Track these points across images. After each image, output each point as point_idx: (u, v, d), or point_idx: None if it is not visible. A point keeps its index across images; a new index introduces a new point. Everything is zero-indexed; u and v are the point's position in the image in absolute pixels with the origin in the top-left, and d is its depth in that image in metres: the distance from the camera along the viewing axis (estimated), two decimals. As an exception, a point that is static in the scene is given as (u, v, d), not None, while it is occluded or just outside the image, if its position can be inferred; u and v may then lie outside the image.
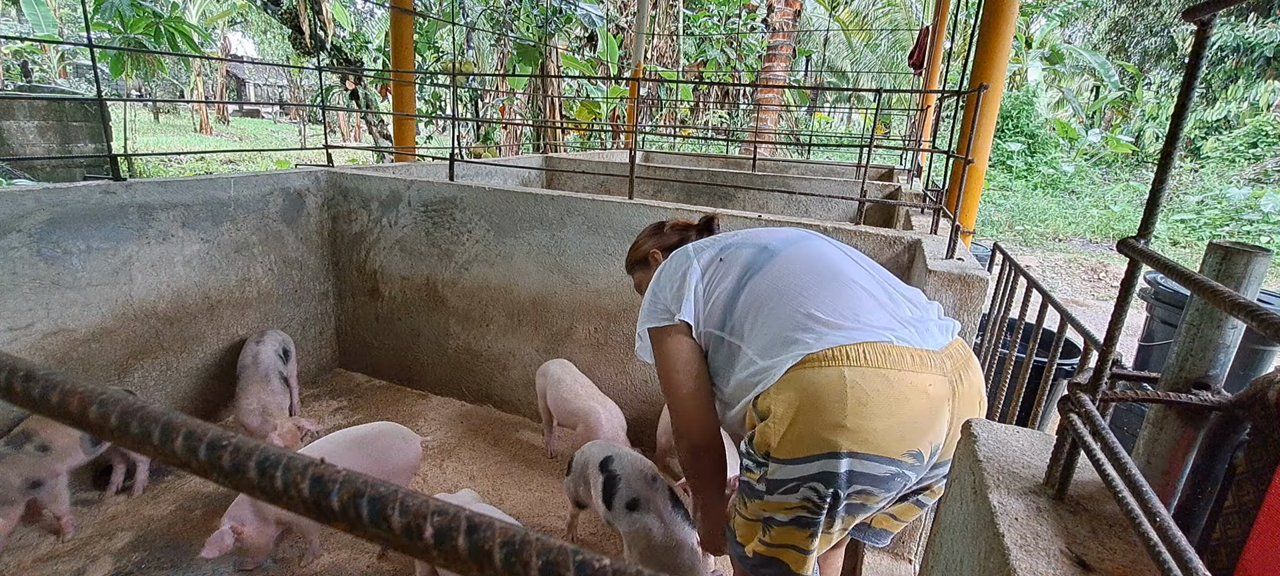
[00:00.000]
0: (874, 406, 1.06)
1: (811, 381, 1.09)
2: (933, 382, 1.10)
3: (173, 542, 2.10)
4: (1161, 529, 0.54)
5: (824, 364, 1.09)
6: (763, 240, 1.36)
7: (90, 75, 17.60)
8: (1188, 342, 0.74)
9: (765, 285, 1.24)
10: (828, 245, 1.34)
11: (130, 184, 2.40)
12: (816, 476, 1.09)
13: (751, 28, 13.43)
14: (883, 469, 1.08)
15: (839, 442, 1.06)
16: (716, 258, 1.34)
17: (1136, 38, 17.34)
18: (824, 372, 1.08)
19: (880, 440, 1.07)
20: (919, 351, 1.12)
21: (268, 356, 2.62)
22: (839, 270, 1.24)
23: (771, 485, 1.14)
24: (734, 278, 1.29)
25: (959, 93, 2.91)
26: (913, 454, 1.09)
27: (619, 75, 9.72)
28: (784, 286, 1.22)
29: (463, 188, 2.90)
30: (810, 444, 1.08)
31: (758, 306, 1.22)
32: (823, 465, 1.08)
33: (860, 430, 1.06)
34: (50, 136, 7.83)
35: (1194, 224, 10.21)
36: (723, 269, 1.31)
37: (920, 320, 1.19)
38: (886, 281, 1.28)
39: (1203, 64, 0.64)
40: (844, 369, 1.08)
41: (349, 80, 11.41)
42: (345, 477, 0.26)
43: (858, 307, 1.16)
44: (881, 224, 3.94)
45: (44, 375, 0.30)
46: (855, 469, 1.07)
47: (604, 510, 1.80)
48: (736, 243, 1.37)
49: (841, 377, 1.07)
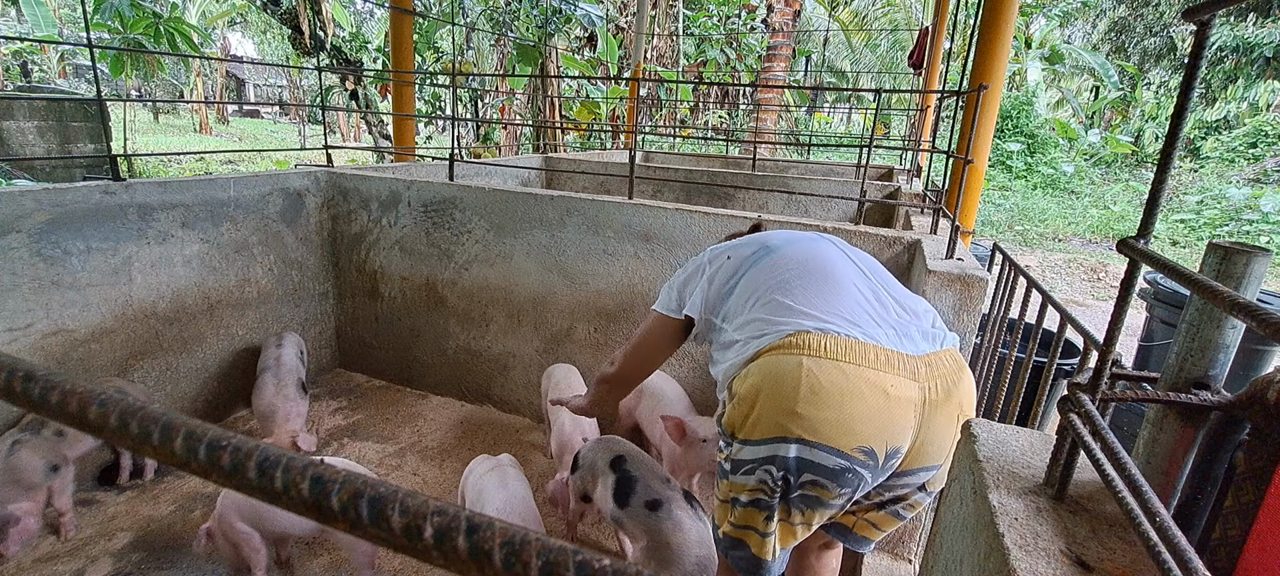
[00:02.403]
0: (825, 397, 1.08)
1: (774, 366, 1.13)
2: (896, 384, 1.10)
3: (173, 542, 2.10)
4: (1161, 529, 0.54)
5: (787, 350, 1.13)
6: (769, 240, 1.42)
7: (90, 75, 17.59)
8: (1187, 342, 0.74)
9: (758, 276, 1.31)
10: (829, 246, 1.37)
11: (130, 184, 2.40)
12: (768, 459, 1.13)
13: (751, 28, 13.42)
14: (831, 460, 1.09)
15: (789, 428, 1.09)
16: (725, 253, 1.42)
17: (1136, 38, 17.35)
18: (786, 359, 1.12)
19: (829, 431, 1.08)
20: (888, 351, 1.12)
21: (290, 359, 2.63)
22: (829, 266, 1.27)
23: (734, 465, 1.19)
24: (733, 270, 1.37)
25: (959, 93, 2.91)
26: (864, 450, 1.09)
27: (619, 75, 9.72)
28: (771, 277, 1.28)
29: (462, 188, 2.90)
30: (766, 427, 1.12)
31: (747, 295, 1.29)
32: (773, 448, 1.12)
33: (810, 418, 1.08)
34: (50, 137, 7.83)
35: (1194, 224, 10.21)
36: (728, 264, 1.39)
37: (903, 324, 1.19)
38: (884, 284, 1.29)
39: (1202, 64, 0.64)
40: (803, 357, 1.11)
41: (349, 80, 11.41)
42: (345, 477, 0.26)
43: (834, 301, 1.18)
44: (881, 224, 3.94)
45: (44, 375, 0.30)
46: (804, 456, 1.10)
47: (614, 508, 1.79)
48: (746, 241, 1.45)
49: (800, 365, 1.10)
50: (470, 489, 1.99)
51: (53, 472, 2.04)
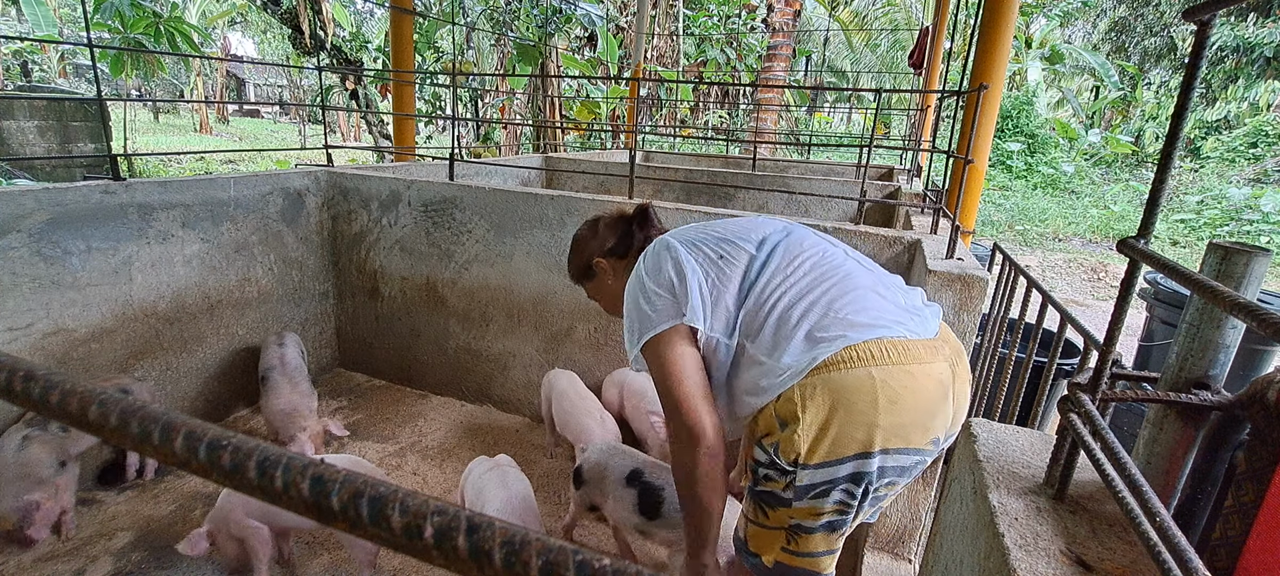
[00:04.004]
0: (903, 401, 1.09)
1: (841, 383, 1.09)
2: (941, 370, 1.14)
3: (173, 542, 2.10)
4: (1161, 528, 0.54)
5: (850, 365, 1.10)
6: (752, 234, 1.31)
7: (90, 75, 17.59)
8: (1188, 342, 0.74)
9: (773, 285, 1.21)
10: (819, 239, 1.33)
11: (130, 184, 2.40)
12: (850, 477, 1.11)
13: (751, 28, 13.42)
14: (910, 459, 1.12)
15: (873, 441, 1.08)
16: (714, 256, 1.27)
17: (1136, 38, 17.34)
18: (852, 373, 1.09)
19: (909, 432, 1.10)
20: (925, 342, 1.15)
21: (293, 357, 2.64)
22: (842, 267, 1.25)
23: (800, 491, 1.13)
24: (738, 279, 1.24)
25: (959, 93, 2.91)
26: (933, 441, 1.14)
27: (619, 75, 9.72)
28: (793, 286, 1.20)
29: (463, 188, 2.90)
30: (844, 446, 1.09)
31: (767, 307, 1.19)
32: (856, 465, 1.10)
33: (892, 426, 1.09)
34: (50, 136, 7.83)
35: (1194, 224, 10.21)
36: (721, 268, 1.25)
37: (914, 311, 1.21)
38: (876, 272, 1.29)
39: (1203, 64, 0.64)
40: (871, 368, 1.09)
41: (349, 80, 11.41)
42: (345, 477, 0.26)
43: (867, 304, 1.17)
44: (881, 224, 3.94)
45: (44, 375, 0.30)
46: (886, 463, 1.11)
47: (639, 521, 1.79)
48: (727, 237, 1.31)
49: (870, 377, 1.08)
50: (470, 488, 1.99)
51: (61, 468, 2.07)
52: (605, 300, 1.59)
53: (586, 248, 1.54)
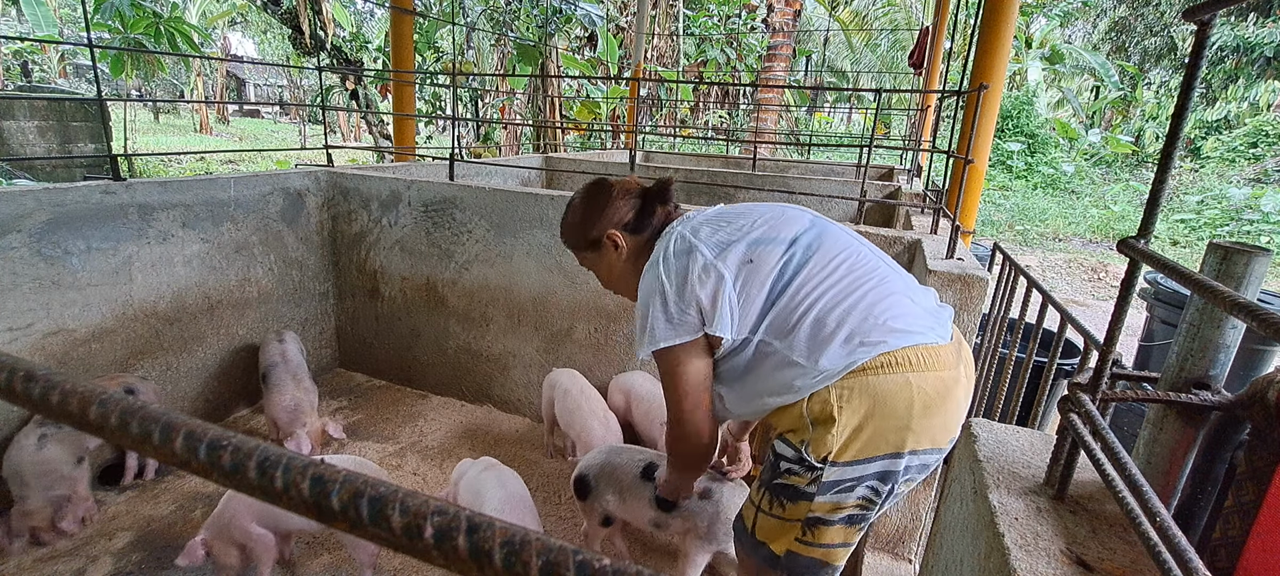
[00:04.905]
0: (934, 407, 1.13)
1: (880, 388, 1.12)
2: (958, 376, 1.19)
3: (173, 542, 2.10)
4: (1161, 529, 0.54)
5: (889, 370, 1.13)
6: (781, 231, 1.26)
7: (90, 75, 17.60)
8: (1188, 342, 0.74)
9: (809, 287, 1.19)
10: (851, 238, 1.29)
11: (130, 184, 2.40)
12: (877, 475, 1.15)
13: (751, 28, 13.42)
14: (934, 458, 1.17)
15: (905, 443, 1.13)
16: (744, 260, 1.22)
17: (1136, 38, 17.34)
18: (890, 378, 1.12)
19: (936, 434, 1.15)
20: (947, 348, 1.19)
21: (294, 354, 2.66)
22: (877, 271, 1.23)
23: (825, 487, 1.15)
24: (770, 280, 1.21)
25: (959, 93, 2.91)
26: (952, 440, 1.19)
27: (619, 75, 9.72)
28: (830, 289, 1.18)
29: (463, 188, 2.90)
30: (876, 447, 1.13)
31: (802, 309, 1.17)
32: (886, 464, 1.14)
33: (924, 429, 1.13)
34: (50, 136, 7.82)
35: (1194, 224, 10.21)
36: (752, 271, 1.21)
37: (936, 315, 1.23)
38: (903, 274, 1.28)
39: (1203, 64, 0.64)
40: (908, 374, 1.12)
41: (349, 80, 11.41)
42: (345, 477, 0.26)
43: (903, 311, 1.18)
44: (881, 224, 3.94)
45: (44, 375, 0.30)
46: (912, 463, 1.15)
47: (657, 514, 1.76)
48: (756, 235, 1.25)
49: (908, 383, 1.12)
50: (465, 489, 1.97)
51: (78, 465, 2.11)
52: (604, 273, 1.47)
53: (598, 216, 1.39)
